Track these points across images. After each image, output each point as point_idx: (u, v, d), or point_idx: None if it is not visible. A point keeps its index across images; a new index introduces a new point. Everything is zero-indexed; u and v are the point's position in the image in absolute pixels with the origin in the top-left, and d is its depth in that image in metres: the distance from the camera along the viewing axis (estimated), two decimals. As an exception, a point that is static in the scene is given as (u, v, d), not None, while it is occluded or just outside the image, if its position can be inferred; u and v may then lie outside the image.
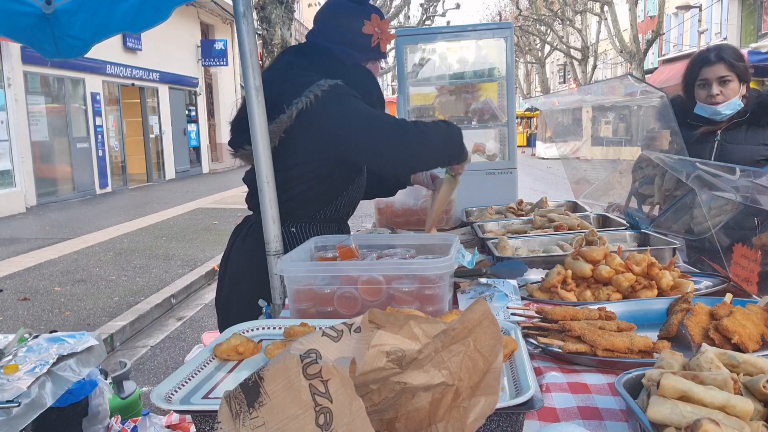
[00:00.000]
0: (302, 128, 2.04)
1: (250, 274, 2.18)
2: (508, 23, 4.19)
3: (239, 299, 2.22)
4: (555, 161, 19.08)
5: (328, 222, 2.25)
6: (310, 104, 2.00)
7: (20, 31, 2.49)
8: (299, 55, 2.24)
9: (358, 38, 2.19)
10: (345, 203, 2.25)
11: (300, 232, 2.19)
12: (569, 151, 4.45)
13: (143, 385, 4.25)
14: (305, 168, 2.13)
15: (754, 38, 23.39)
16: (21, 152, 12.55)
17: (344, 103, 2.03)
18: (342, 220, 2.33)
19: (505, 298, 1.67)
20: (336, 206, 2.23)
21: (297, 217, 2.19)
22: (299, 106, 2.01)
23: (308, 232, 2.20)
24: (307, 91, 2.01)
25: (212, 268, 7.40)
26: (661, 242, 2.21)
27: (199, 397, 1.18)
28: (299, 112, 2.02)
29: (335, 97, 2.02)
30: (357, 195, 2.31)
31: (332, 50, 2.19)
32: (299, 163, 2.12)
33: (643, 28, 30.08)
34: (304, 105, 2.01)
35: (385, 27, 2.23)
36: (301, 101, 2.01)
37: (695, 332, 1.37)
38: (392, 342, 0.93)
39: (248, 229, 2.27)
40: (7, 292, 6.38)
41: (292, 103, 2.03)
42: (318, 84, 2.02)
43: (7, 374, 2.14)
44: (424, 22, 28.77)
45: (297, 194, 2.15)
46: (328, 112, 2.01)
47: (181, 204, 13.19)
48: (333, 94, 2.02)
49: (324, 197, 2.19)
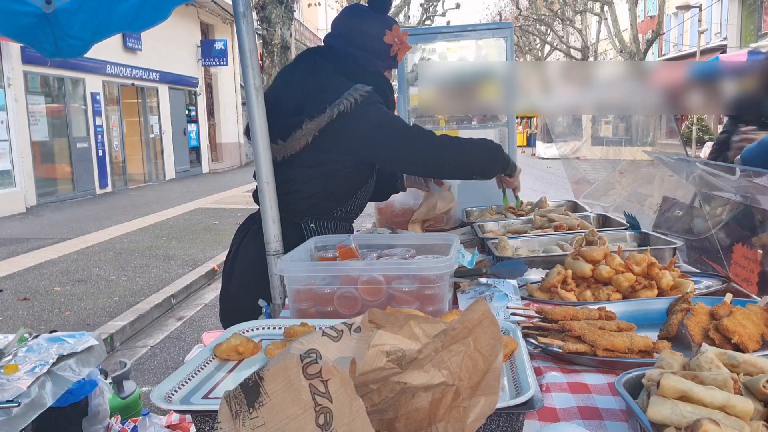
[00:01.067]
0: (339, 129, 2.12)
1: (261, 270, 2.20)
2: (508, 23, 4.19)
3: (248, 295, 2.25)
4: (555, 161, 19.08)
5: (341, 221, 2.34)
6: (350, 107, 2.09)
7: (20, 30, 2.49)
8: (322, 57, 2.31)
9: (379, 46, 2.29)
10: (357, 203, 2.35)
11: (318, 228, 2.27)
12: (569, 151, 4.45)
13: (143, 385, 4.25)
14: (332, 167, 2.20)
15: (754, 38, 23.40)
16: (21, 152, 12.55)
17: (381, 109, 2.17)
18: (351, 220, 2.42)
19: (505, 298, 1.67)
20: (350, 205, 2.32)
21: (316, 213, 2.26)
22: (340, 107, 2.09)
23: (325, 228, 2.28)
24: (347, 93, 2.11)
25: (212, 268, 7.40)
26: (661, 242, 2.20)
27: (199, 397, 1.18)
28: (339, 113, 2.10)
29: (373, 102, 2.14)
30: (367, 196, 2.40)
31: (354, 55, 2.28)
32: (328, 161, 2.19)
33: (643, 28, 30.08)
34: (344, 107, 2.09)
35: (404, 38, 2.33)
36: (342, 103, 2.10)
37: (695, 332, 1.37)
38: (392, 342, 0.93)
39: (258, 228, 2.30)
40: (7, 292, 6.38)
41: (332, 104, 2.10)
42: (356, 88, 2.12)
43: (7, 374, 2.14)
44: (424, 22, 28.77)
45: (319, 191, 2.23)
46: (367, 115, 2.12)
47: (181, 204, 13.19)
48: (371, 99, 2.13)
49: (342, 196, 2.28)
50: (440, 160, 2.22)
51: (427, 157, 2.20)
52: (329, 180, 2.22)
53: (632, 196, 3.19)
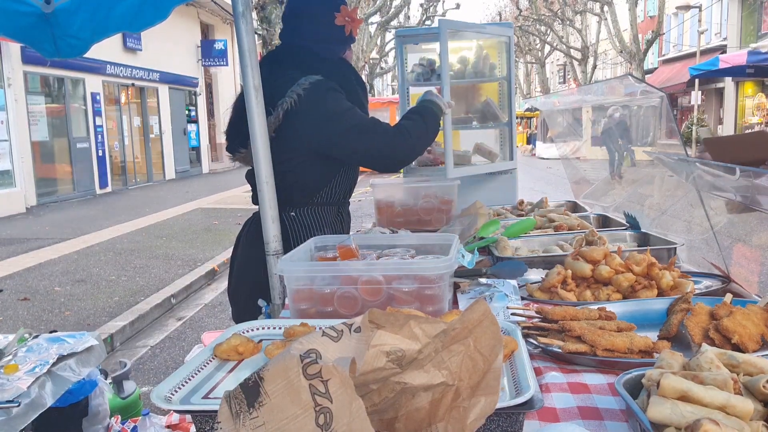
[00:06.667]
0: (290, 127, 2.14)
1: (256, 265, 2.23)
2: (509, 23, 4.18)
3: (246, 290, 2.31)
4: (555, 161, 19.08)
5: (326, 205, 2.34)
6: (294, 104, 2.11)
7: (20, 30, 2.49)
8: (281, 58, 2.32)
9: (334, 32, 2.28)
10: (339, 187, 2.34)
11: (299, 216, 2.29)
12: (569, 151, 4.45)
13: (143, 385, 4.24)
14: (296, 162, 2.22)
15: (754, 38, 23.39)
16: (21, 152, 12.55)
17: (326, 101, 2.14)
18: (340, 203, 2.41)
19: (505, 298, 1.67)
20: (330, 190, 2.32)
21: (294, 203, 2.28)
22: (284, 106, 2.11)
23: (307, 215, 2.30)
24: (290, 90, 2.11)
25: (212, 268, 7.40)
26: (661, 242, 2.20)
27: (199, 397, 1.18)
28: (285, 113, 2.12)
29: (316, 94, 2.12)
30: (351, 178, 2.39)
31: (312, 49, 2.27)
32: (290, 158, 2.21)
33: (643, 28, 30.07)
34: (288, 105, 2.11)
35: (354, 14, 2.32)
36: (286, 101, 2.11)
37: (695, 332, 1.37)
38: (392, 342, 0.93)
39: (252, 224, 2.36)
40: (7, 292, 6.38)
41: (277, 105, 2.12)
42: (299, 83, 2.12)
43: (7, 374, 2.14)
44: (424, 22, 28.78)
45: (291, 183, 2.24)
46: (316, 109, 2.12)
47: (181, 204, 13.19)
48: (314, 91, 2.12)
49: (316, 183, 2.29)
50: (395, 151, 2.23)
51: (384, 150, 2.20)
52: (297, 172, 2.23)
53: (632, 196, 3.19)
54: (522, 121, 34.41)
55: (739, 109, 25.02)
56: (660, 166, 2.70)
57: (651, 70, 31.59)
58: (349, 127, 2.15)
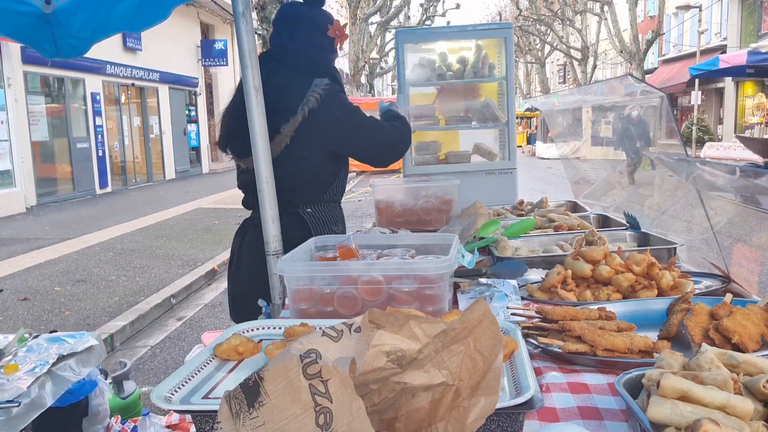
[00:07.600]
0: (310, 126, 2.26)
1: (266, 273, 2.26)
2: (508, 23, 4.18)
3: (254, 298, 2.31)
4: (555, 161, 19.08)
5: (332, 202, 2.50)
6: (317, 102, 2.24)
7: (20, 30, 2.49)
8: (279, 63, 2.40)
9: (326, 41, 2.46)
10: (341, 183, 2.51)
11: (315, 211, 2.42)
12: (569, 151, 4.45)
13: (143, 385, 4.24)
14: (312, 160, 2.35)
15: (754, 38, 23.40)
16: (21, 152, 12.54)
17: (342, 102, 2.35)
18: (338, 201, 2.57)
19: (505, 298, 1.67)
20: (335, 187, 2.47)
21: (309, 199, 2.40)
22: (309, 105, 2.24)
23: (322, 210, 2.43)
24: (310, 90, 2.25)
25: (212, 268, 7.40)
26: (661, 242, 2.20)
27: (199, 397, 1.18)
28: (310, 111, 2.24)
29: (334, 96, 2.30)
30: (347, 175, 2.60)
31: (309, 53, 2.41)
32: (307, 155, 2.32)
33: (643, 28, 30.07)
34: (312, 104, 2.24)
35: (343, 29, 2.51)
36: (309, 101, 2.24)
37: (695, 332, 1.37)
38: (392, 342, 0.93)
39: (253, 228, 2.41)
40: (7, 292, 6.38)
41: (301, 103, 2.24)
42: (316, 83, 2.27)
43: (7, 374, 2.13)
44: (424, 22, 28.79)
45: (306, 181, 2.38)
46: (335, 109, 2.30)
47: (181, 204, 13.18)
48: (331, 92, 2.29)
49: (326, 180, 2.43)
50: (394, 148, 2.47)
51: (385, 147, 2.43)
52: (311, 169, 2.36)
53: (632, 196, 3.19)
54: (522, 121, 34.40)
55: (739, 109, 25.03)
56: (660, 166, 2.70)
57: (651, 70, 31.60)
58: (361, 125, 2.36)
